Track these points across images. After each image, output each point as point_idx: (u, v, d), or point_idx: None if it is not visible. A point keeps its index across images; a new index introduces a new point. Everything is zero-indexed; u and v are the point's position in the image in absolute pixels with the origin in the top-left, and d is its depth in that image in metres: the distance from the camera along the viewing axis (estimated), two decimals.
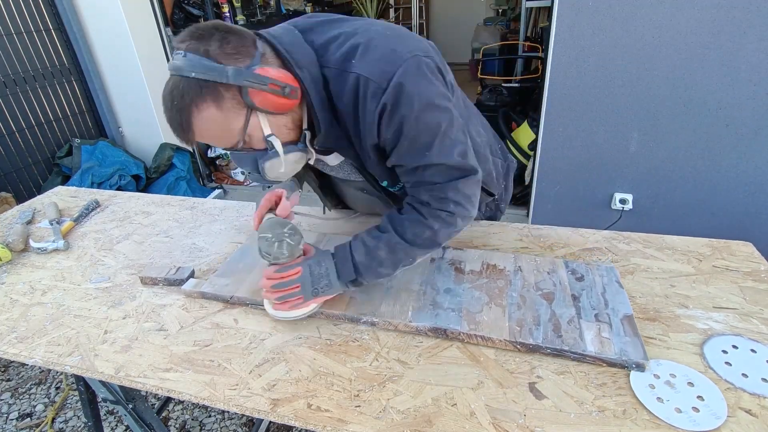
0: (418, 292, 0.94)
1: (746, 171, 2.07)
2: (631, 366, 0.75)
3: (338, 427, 0.69)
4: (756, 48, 1.86)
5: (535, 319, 0.85)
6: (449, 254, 1.05)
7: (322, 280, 0.86)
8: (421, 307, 0.89)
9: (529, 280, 0.96)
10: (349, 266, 0.86)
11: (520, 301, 0.90)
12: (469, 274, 0.99)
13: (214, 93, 0.70)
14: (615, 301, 0.88)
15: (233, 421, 1.79)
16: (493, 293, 0.92)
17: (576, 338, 0.80)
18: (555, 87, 2.17)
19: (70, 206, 1.47)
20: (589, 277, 0.95)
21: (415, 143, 0.78)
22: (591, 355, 0.77)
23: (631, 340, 0.78)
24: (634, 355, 0.75)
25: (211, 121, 0.72)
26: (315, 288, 0.86)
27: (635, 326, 0.81)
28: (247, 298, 0.95)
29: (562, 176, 2.38)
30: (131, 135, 3.40)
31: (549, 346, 0.79)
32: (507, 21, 5.51)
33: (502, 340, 0.81)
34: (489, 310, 0.88)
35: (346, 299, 0.92)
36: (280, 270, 0.87)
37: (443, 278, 0.97)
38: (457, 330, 0.83)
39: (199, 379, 0.79)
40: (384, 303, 0.91)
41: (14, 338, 0.92)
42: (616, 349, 0.77)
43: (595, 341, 0.79)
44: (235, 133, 0.75)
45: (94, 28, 3.02)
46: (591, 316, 0.85)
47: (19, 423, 1.84)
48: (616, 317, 0.84)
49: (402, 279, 0.97)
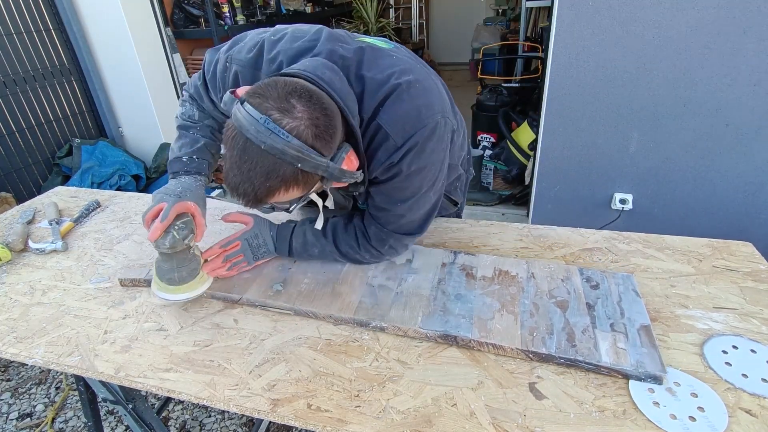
0: (428, 297, 0.92)
1: (746, 171, 2.07)
2: (647, 379, 0.72)
3: (338, 427, 0.69)
4: (756, 48, 1.86)
5: (548, 328, 0.82)
6: (460, 259, 1.03)
7: (261, 248, 1.02)
8: (431, 313, 0.88)
9: (542, 288, 0.93)
10: (285, 247, 1.02)
11: (533, 309, 0.87)
12: (481, 280, 0.97)
13: (306, 180, 0.72)
14: (632, 311, 0.85)
15: (233, 421, 1.79)
16: (505, 300, 0.90)
17: (590, 348, 0.77)
18: (555, 87, 2.17)
19: (70, 206, 1.47)
20: (604, 285, 0.92)
21: (395, 192, 0.88)
22: (606, 367, 0.74)
23: (648, 352, 0.76)
24: (651, 367, 0.73)
25: (288, 197, 0.74)
26: (255, 254, 1.02)
27: (653, 337, 0.79)
28: (257, 300, 0.95)
29: (562, 176, 2.38)
30: (131, 135, 3.39)
31: (562, 356, 0.76)
32: (507, 21, 5.50)
33: (513, 349, 0.79)
34: (501, 317, 0.86)
35: (355, 303, 0.92)
36: (224, 245, 1.00)
37: (454, 284, 0.96)
38: (468, 337, 0.81)
39: (199, 379, 0.79)
40: (393, 308, 0.90)
41: (14, 338, 0.92)
42: (633, 360, 0.74)
43: (611, 352, 0.76)
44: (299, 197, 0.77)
45: (94, 28, 3.01)
46: (606, 326, 0.82)
47: (19, 423, 1.84)
48: (632, 327, 0.81)
49: (412, 284, 0.96)
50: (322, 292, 0.96)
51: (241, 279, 1.01)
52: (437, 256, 1.04)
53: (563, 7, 2.00)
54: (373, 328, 0.88)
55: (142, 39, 3.06)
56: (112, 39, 3.01)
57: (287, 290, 0.97)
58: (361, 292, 0.95)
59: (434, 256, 1.05)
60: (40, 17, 2.86)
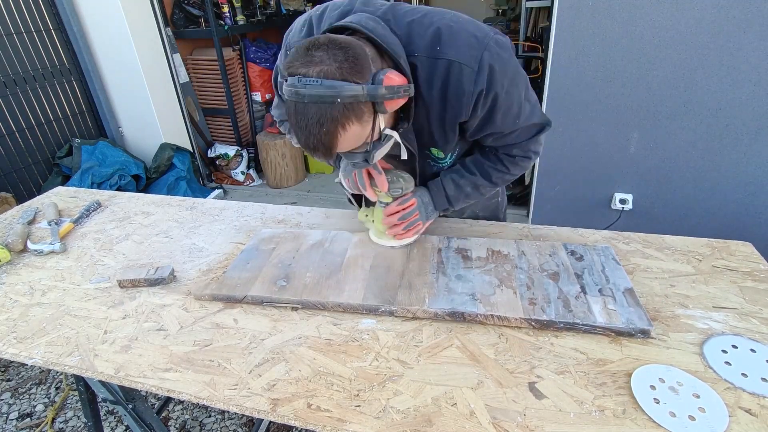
0: (431, 279, 0.97)
1: (746, 171, 2.08)
2: (637, 333, 0.81)
3: (338, 427, 0.69)
4: (756, 48, 1.86)
5: (545, 298, 0.89)
6: (454, 243, 1.09)
7: (428, 206, 1.07)
8: (436, 293, 0.92)
9: (533, 263, 1.00)
10: (443, 198, 1.07)
11: (529, 282, 0.94)
12: (477, 260, 1.03)
13: (357, 112, 0.75)
14: (615, 277, 0.94)
15: (233, 421, 1.79)
16: (502, 276, 0.97)
17: (585, 312, 0.85)
18: (555, 87, 2.17)
19: (69, 206, 1.47)
20: (588, 256, 1.01)
21: (507, 115, 0.91)
22: (602, 326, 0.82)
23: (635, 310, 0.84)
24: (640, 323, 0.81)
25: (353, 136, 0.78)
26: (426, 213, 1.07)
27: (637, 298, 0.88)
28: (263, 296, 0.95)
29: (562, 176, 2.38)
30: (131, 135, 3.40)
31: (562, 321, 0.83)
32: (507, 21, 5.50)
33: (517, 318, 0.85)
34: (501, 292, 0.92)
35: (361, 291, 0.94)
36: (401, 203, 1.04)
37: (452, 265, 1.01)
38: (475, 312, 0.87)
39: (199, 379, 0.79)
40: (400, 292, 0.94)
41: (14, 338, 0.92)
42: (623, 319, 0.83)
43: (603, 313, 0.84)
44: (367, 136, 0.81)
45: (94, 28, 3.02)
46: (595, 291, 0.90)
47: (19, 423, 1.84)
48: (618, 291, 0.90)
49: (413, 269, 1.01)
50: (327, 283, 0.98)
51: (242, 278, 1.01)
52: (433, 242, 1.11)
53: (563, 7, 2.00)
54: (383, 312, 0.91)
55: (142, 39, 3.06)
56: (112, 39, 3.01)
57: (292, 285, 0.98)
58: (365, 281, 0.97)
59: (430, 242, 1.11)
60: (40, 17, 2.86)
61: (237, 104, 3.79)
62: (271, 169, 3.67)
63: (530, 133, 1.00)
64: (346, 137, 0.76)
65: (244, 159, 3.77)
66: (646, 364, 0.76)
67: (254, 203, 1.41)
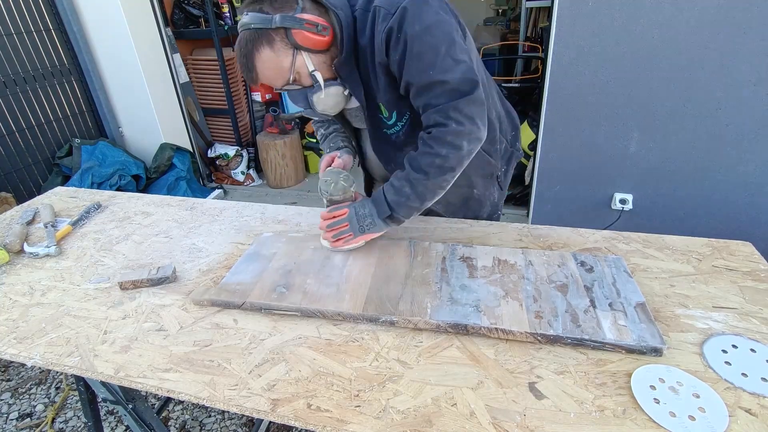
0: (434, 289, 0.94)
1: (746, 171, 2.08)
2: (649, 352, 0.77)
3: (338, 427, 0.69)
4: (756, 48, 1.86)
5: (553, 311, 0.86)
6: (460, 251, 1.06)
7: (366, 219, 1.03)
8: (439, 304, 0.90)
9: (541, 274, 0.97)
10: (384, 205, 1.01)
11: (536, 294, 0.91)
12: (482, 269, 0.99)
13: (267, 37, 0.91)
14: (626, 290, 0.90)
15: (233, 421, 1.79)
16: (508, 287, 0.93)
17: (594, 327, 0.81)
18: (555, 87, 2.17)
19: (69, 207, 1.47)
20: (598, 268, 0.97)
21: (419, 61, 0.90)
22: (611, 343, 0.78)
23: (647, 327, 0.80)
24: (652, 341, 0.77)
25: (267, 61, 0.93)
26: (361, 226, 1.03)
27: (649, 313, 0.83)
28: (262, 303, 0.94)
29: (562, 176, 2.38)
30: (131, 135, 3.39)
31: (569, 336, 0.80)
32: (507, 21, 5.50)
33: (523, 333, 0.81)
34: (506, 304, 0.89)
35: (362, 300, 0.92)
36: (331, 210, 1.06)
37: (457, 275, 0.98)
38: (478, 325, 0.83)
39: (198, 379, 0.79)
40: (402, 301, 0.91)
41: (14, 339, 0.92)
42: (634, 336, 0.78)
43: (613, 329, 0.80)
44: (286, 70, 0.95)
45: (94, 28, 3.02)
46: (605, 306, 0.86)
47: (19, 423, 1.84)
48: (629, 306, 0.86)
49: (416, 278, 0.98)
50: (327, 291, 0.96)
51: (241, 284, 1.00)
52: (437, 250, 1.07)
53: (563, 7, 2.00)
54: (383, 322, 0.88)
55: (142, 39, 3.06)
56: (112, 39, 3.01)
57: (291, 292, 0.96)
58: (367, 289, 0.95)
59: (434, 249, 1.07)
60: (40, 17, 2.86)
61: (237, 104, 3.79)
62: (271, 169, 3.67)
63: (448, 96, 0.91)
64: (261, 61, 0.93)
65: (244, 159, 3.77)
66: (646, 364, 0.76)
67: (254, 203, 1.41)
